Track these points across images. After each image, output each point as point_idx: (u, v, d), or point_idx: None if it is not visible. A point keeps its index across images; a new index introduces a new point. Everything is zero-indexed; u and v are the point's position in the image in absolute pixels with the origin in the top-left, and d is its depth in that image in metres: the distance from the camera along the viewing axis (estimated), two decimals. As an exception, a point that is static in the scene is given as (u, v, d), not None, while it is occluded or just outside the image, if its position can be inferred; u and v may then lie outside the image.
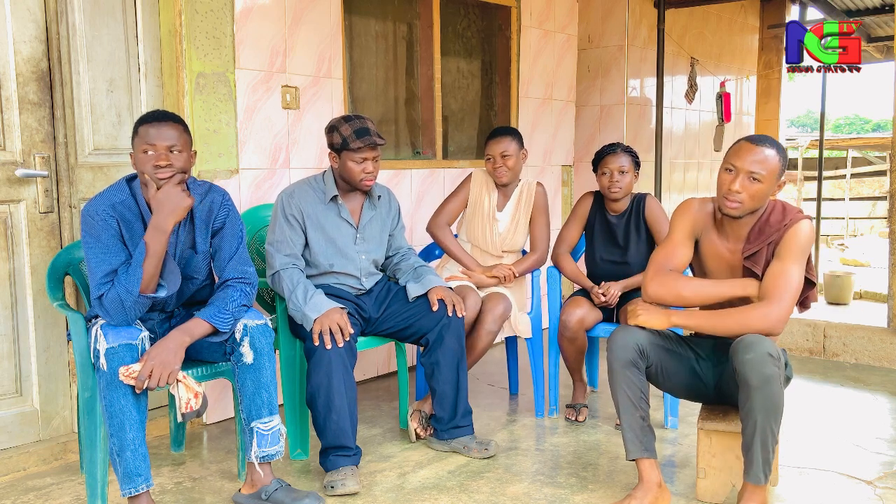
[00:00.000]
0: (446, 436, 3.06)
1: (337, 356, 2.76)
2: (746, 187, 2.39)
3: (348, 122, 2.94)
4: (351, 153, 2.91)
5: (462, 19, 4.73)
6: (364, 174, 2.94)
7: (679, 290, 2.48)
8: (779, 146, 2.45)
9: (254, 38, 3.44)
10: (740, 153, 2.42)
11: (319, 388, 2.75)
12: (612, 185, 3.38)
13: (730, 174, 2.42)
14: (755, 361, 2.29)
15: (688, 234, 2.58)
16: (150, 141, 2.39)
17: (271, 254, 2.96)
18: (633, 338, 2.49)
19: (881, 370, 4.26)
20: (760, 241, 2.46)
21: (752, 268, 2.47)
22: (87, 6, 3.04)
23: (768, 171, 2.38)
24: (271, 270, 2.95)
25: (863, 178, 14.93)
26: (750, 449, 2.34)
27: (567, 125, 5.33)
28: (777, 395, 2.31)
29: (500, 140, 3.46)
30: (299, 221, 2.97)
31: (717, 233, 2.57)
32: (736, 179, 2.39)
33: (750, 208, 2.43)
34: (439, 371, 3.00)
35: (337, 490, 2.67)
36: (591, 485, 2.78)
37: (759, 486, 2.36)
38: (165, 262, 2.42)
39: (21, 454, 2.90)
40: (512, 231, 3.54)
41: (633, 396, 2.49)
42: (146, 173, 2.40)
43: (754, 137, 2.46)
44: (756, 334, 2.35)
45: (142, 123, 2.43)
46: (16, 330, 2.93)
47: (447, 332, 2.99)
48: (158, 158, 2.38)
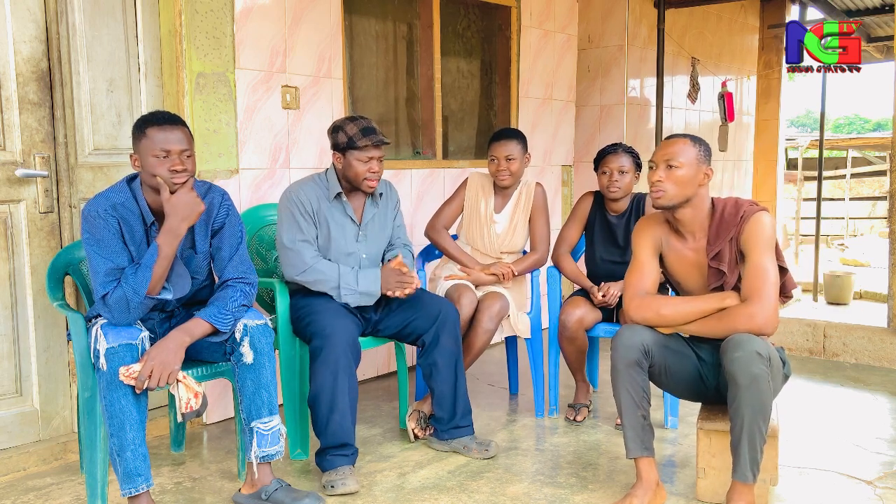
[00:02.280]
0: (446, 436, 3.06)
1: (344, 356, 2.76)
2: (667, 175, 2.50)
3: (353, 121, 2.95)
4: (357, 152, 2.92)
5: (462, 19, 4.73)
6: (369, 173, 2.94)
7: (660, 311, 2.53)
8: (694, 137, 2.59)
9: (254, 38, 3.44)
10: (658, 150, 2.58)
11: (324, 387, 2.75)
12: (612, 184, 3.38)
13: (651, 170, 2.56)
14: (743, 360, 2.31)
15: (651, 251, 2.65)
16: (166, 146, 2.38)
17: (297, 251, 2.92)
18: (639, 337, 2.50)
19: (881, 370, 4.26)
20: (721, 240, 2.51)
21: (719, 266, 2.51)
22: (87, 6, 3.04)
23: (685, 157, 2.51)
24: (303, 266, 2.91)
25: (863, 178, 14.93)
26: (738, 447, 2.36)
27: (567, 125, 5.33)
28: (765, 393, 2.32)
29: (507, 143, 3.46)
30: (311, 215, 2.97)
31: (675, 238, 2.63)
32: (656, 172, 2.52)
33: (676, 196, 2.51)
34: (437, 371, 3.01)
35: (337, 489, 2.67)
36: (591, 485, 2.78)
37: (747, 484, 2.37)
38: (173, 265, 2.43)
39: (21, 454, 2.90)
40: (510, 233, 3.54)
41: (636, 396, 2.49)
42: (160, 177, 2.38)
43: (670, 136, 2.62)
44: (746, 333, 2.37)
45: (149, 126, 2.40)
46: (16, 330, 2.93)
47: (443, 332, 2.99)
48: (175, 164, 2.38)
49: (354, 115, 3.01)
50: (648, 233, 2.66)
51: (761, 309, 2.38)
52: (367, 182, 2.96)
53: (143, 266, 2.35)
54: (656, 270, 2.64)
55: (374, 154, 2.93)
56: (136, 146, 2.42)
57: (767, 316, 2.38)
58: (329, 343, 2.76)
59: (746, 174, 7.78)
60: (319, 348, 2.77)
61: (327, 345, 2.76)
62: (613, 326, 3.36)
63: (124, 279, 2.35)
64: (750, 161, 7.83)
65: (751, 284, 2.42)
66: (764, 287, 2.40)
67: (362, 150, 2.91)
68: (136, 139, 2.42)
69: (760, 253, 2.43)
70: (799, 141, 12.43)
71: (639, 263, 2.64)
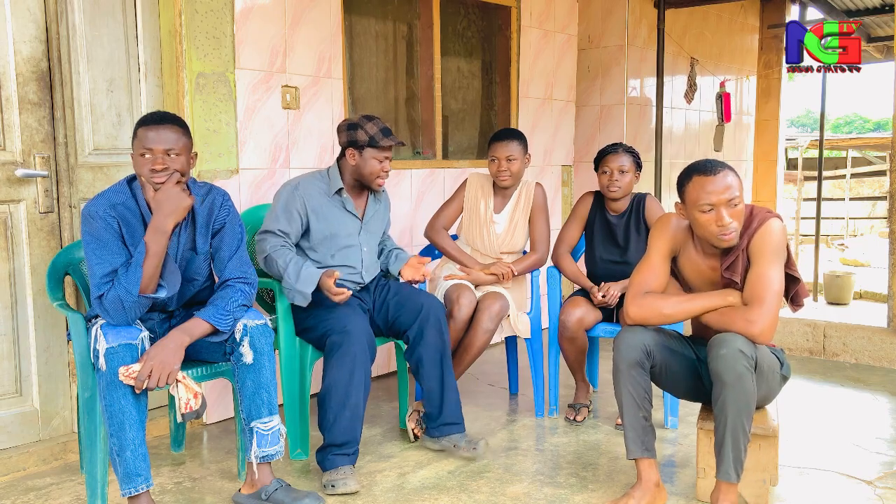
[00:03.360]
0: (436, 433, 3.05)
1: (362, 352, 2.77)
2: (733, 214, 2.39)
3: (371, 121, 3.01)
4: (376, 150, 2.99)
5: (462, 19, 4.73)
6: (382, 172, 3.03)
7: (660, 309, 2.49)
8: (724, 163, 2.45)
9: (254, 38, 3.44)
10: (706, 188, 2.38)
11: (339, 382, 2.75)
12: (612, 184, 3.38)
13: (710, 214, 2.40)
14: (727, 357, 2.31)
15: (665, 254, 2.59)
16: (148, 145, 2.39)
17: (264, 238, 2.96)
18: (641, 338, 2.49)
19: (881, 370, 4.26)
20: (735, 250, 2.47)
21: (732, 277, 2.47)
22: (87, 6, 3.04)
23: (741, 189, 2.42)
24: (262, 254, 2.94)
25: (863, 178, 14.94)
26: (721, 446, 2.36)
27: (567, 125, 5.33)
28: (749, 392, 2.32)
29: (508, 143, 3.46)
30: (301, 215, 2.98)
31: (695, 249, 2.57)
32: (721, 213, 2.38)
33: (740, 228, 2.43)
34: (423, 367, 3.01)
35: (338, 489, 2.67)
36: (591, 485, 2.78)
37: (730, 483, 2.37)
38: (166, 262, 2.42)
39: (21, 454, 2.90)
40: (510, 233, 3.54)
41: (637, 396, 2.49)
42: (143, 176, 2.41)
43: (706, 168, 2.42)
44: (733, 333, 2.36)
45: (140, 126, 2.43)
46: (16, 330, 2.93)
47: (427, 326, 2.99)
48: (154, 163, 2.39)
49: (370, 115, 3.06)
50: (668, 235, 2.59)
51: (760, 317, 2.36)
52: (379, 180, 3.04)
53: (134, 265, 2.35)
54: (665, 273, 2.60)
55: (389, 154, 3.03)
56: (132, 146, 2.45)
57: (765, 325, 2.36)
58: (349, 338, 2.76)
59: (746, 174, 7.78)
60: (338, 344, 2.77)
61: (347, 340, 2.76)
62: (613, 326, 3.36)
63: (117, 279, 2.35)
64: (750, 161, 7.83)
65: (752, 292, 2.39)
66: (765, 295, 2.37)
67: (381, 150, 2.99)
68: (133, 138, 2.45)
69: (767, 261, 2.40)
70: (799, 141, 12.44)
71: (650, 263, 2.59)
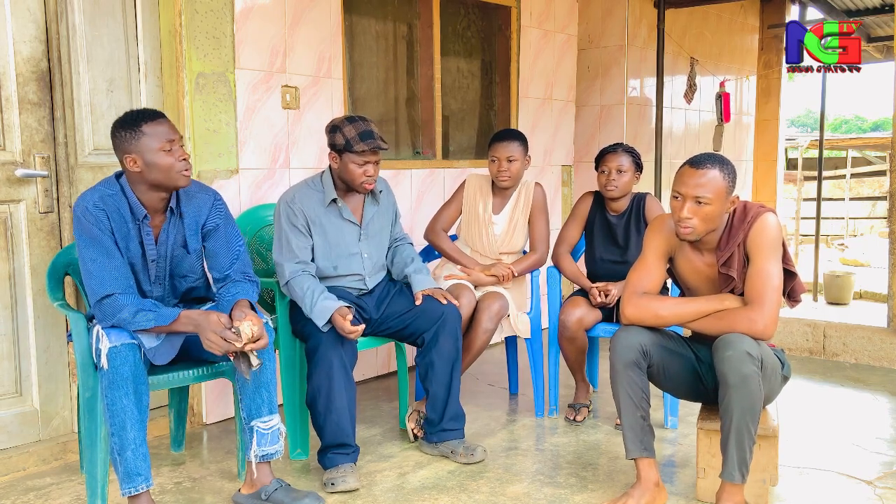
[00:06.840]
0: (434, 438, 3.04)
1: (338, 358, 2.76)
2: (695, 211, 2.40)
3: (352, 122, 2.90)
4: (353, 155, 2.88)
5: (462, 19, 4.73)
6: (365, 177, 2.91)
7: (656, 310, 2.50)
8: (722, 163, 2.44)
9: (254, 38, 3.44)
10: (683, 178, 2.43)
11: (320, 388, 2.75)
12: (609, 183, 3.38)
13: (677, 201, 2.44)
14: (734, 359, 2.31)
15: (660, 254, 2.60)
16: (171, 136, 2.43)
17: (281, 264, 2.92)
18: (637, 338, 2.49)
19: (881, 370, 4.25)
20: (731, 246, 2.47)
21: (728, 272, 2.47)
22: (87, 6, 3.04)
23: (714, 192, 2.39)
24: (283, 280, 2.91)
25: (863, 178, 14.93)
26: (726, 447, 2.36)
27: (567, 125, 5.33)
28: (755, 394, 2.32)
29: (508, 144, 3.45)
30: (305, 225, 2.95)
31: (691, 248, 2.58)
32: (684, 206, 2.41)
33: (704, 231, 2.44)
34: (433, 372, 3.00)
35: (337, 487, 2.68)
36: (591, 485, 2.78)
37: (735, 484, 2.37)
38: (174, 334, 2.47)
39: (21, 454, 2.90)
40: (509, 233, 3.54)
41: (635, 396, 2.49)
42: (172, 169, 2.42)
43: (696, 160, 2.46)
44: (739, 333, 2.36)
45: (143, 122, 2.41)
46: (16, 330, 2.93)
47: (443, 332, 2.98)
48: (182, 153, 2.45)
49: (354, 116, 2.95)
50: (662, 236, 2.60)
51: (761, 314, 2.37)
52: (363, 185, 2.93)
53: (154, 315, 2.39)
54: (661, 274, 2.61)
55: (370, 159, 2.89)
56: (133, 146, 2.41)
57: (767, 321, 2.37)
58: (323, 343, 2.76)
59: (746, 174, 7.77)
60: (314, 348, 2.78)
61: (321, 345, 2.76)
62: (613, 326, 3.36)
63: (130, 305, 2.37)
64: (750, 161, 7.82)
65: (753, 289, 2.40)
66: (766, 292, 2.38)
67: (359, 155, 2.87)
68: (131, 139, 2.41)
69: (765, 256, 2.41)
70: (799, 141, 12.43)
71: (645, 263, 2.60)
